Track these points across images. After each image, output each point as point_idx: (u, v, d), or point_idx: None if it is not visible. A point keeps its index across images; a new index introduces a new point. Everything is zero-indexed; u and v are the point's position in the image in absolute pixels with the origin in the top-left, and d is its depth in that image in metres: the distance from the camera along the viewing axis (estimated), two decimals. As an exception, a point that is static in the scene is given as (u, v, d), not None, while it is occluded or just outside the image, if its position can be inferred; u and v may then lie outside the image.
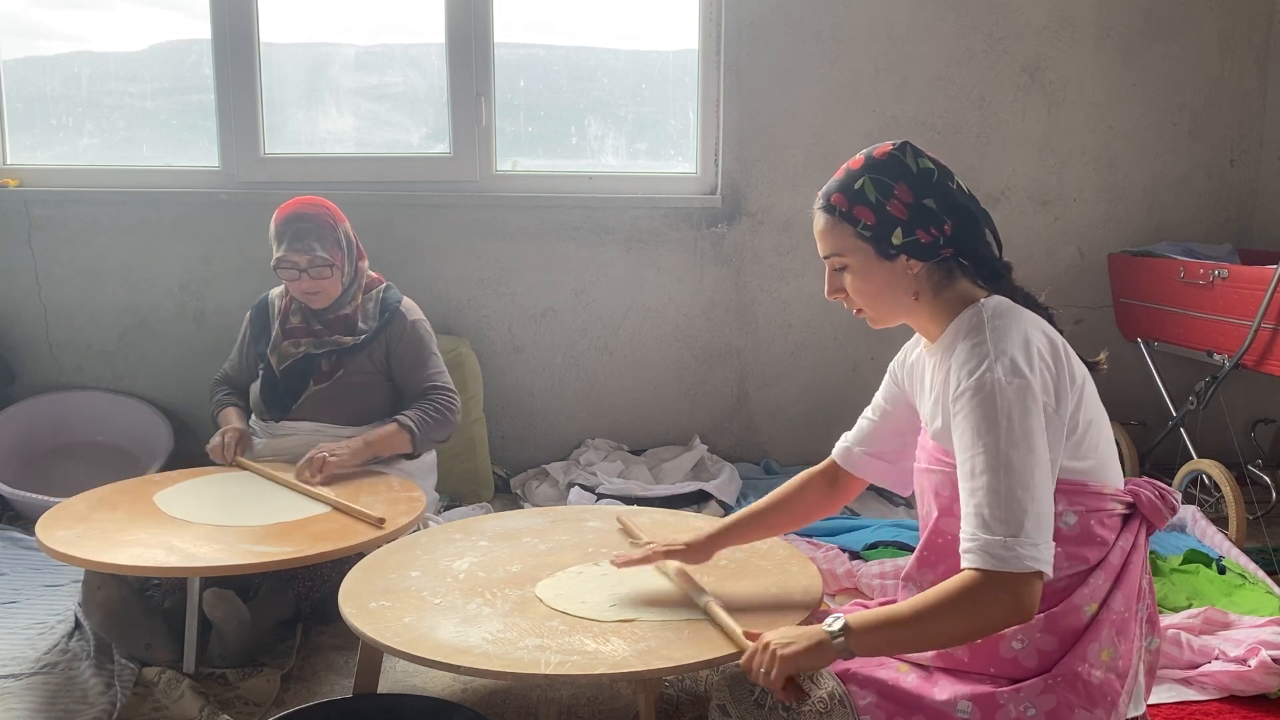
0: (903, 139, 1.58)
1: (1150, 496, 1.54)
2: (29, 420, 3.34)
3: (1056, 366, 1.47)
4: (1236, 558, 2.62)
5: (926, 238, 1.52)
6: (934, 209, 1.52)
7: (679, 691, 2.00)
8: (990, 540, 1.36)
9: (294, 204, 2.62)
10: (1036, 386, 1.42)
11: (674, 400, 3.58)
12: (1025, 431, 1.39)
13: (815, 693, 1.47)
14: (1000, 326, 1.48)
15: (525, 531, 2.14)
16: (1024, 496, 1.37)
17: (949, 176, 1.55)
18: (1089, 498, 1.49)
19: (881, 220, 1.52)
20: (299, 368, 2.64)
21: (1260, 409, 3.52)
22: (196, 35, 3.42)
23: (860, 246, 1.54)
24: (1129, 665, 1.48)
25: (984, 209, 1.57)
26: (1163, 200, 3.61)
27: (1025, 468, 1.38)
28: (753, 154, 3.46)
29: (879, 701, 1.48)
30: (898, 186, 1.52)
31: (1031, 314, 1.54)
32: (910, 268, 1.54)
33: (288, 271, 2.57)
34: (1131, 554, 1.51)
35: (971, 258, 1.56)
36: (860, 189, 1.53)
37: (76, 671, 2.10)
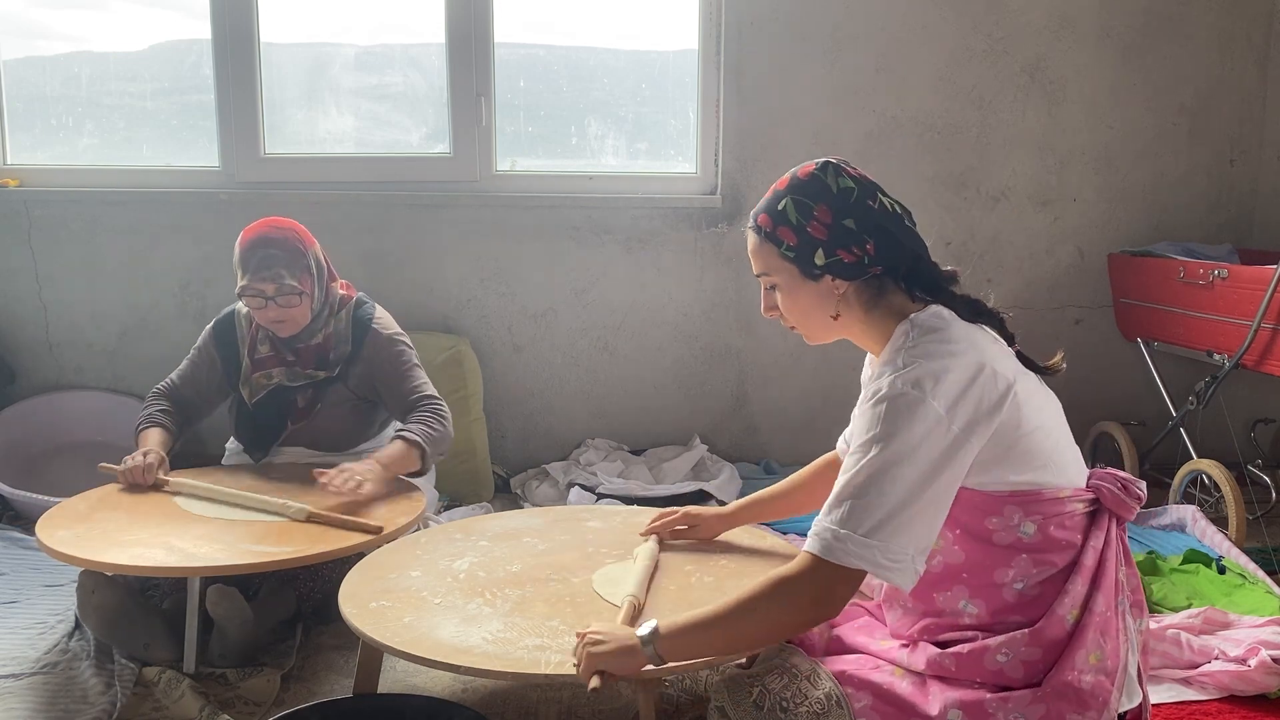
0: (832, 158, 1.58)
1: (1111, 489, 1.53)
2: (29, 420, 3.34)
3: (976, 385, 1.43)
4: (1236, 558, 2.62)
5: (849, 257, 1.52)
6: (854, 229, 1.52)
7: (679, 691, 2.00)
8: (826, 525, 1.40)
9: (259, 227, 2.44)
10: (934, 406, 1.40)
11: (674, 400, 3.58)
12: (902, 443, 1.39)
13: (812, 694, 1.48)
14: (922, 343, 1.47)
15: (525, 531, 2.14)
16: (876, 500, 1.38)
17: (870, 195, 1.54)
18: (1044, 504, 1.48)
19: (803, 241, 1.53)
20: (272, 401, 2.52)
21: (1260, 409, 3.52)
22: (196, 35, 3.42)
23: (786, 266, 1.56)
24: (1117, 662, 1.48)
25: (911, 228, 1.56)
26: (1163, 200, 3.61)
27: (887, 473, 1.39)
28: (753, 154, 3.46)
29: (875, 704, 1.48)
30: (817, 207, 1.53)
31: (967, 329, 1.51)
32: (836, 287, 1.54)
33: (253, 300, 2.41)
34: (1105, 550, 1.51)
35: (906, 276, 1.56)
36: (783, 210, 1.55)
37: (76, 671, 2.10)
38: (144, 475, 2.34)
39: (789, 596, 1.42)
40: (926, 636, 1.55)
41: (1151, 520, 3.00)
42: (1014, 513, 1.47)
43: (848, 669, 1.54)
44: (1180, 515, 2.93)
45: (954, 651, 1.48)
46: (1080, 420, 3.47)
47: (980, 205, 3.55)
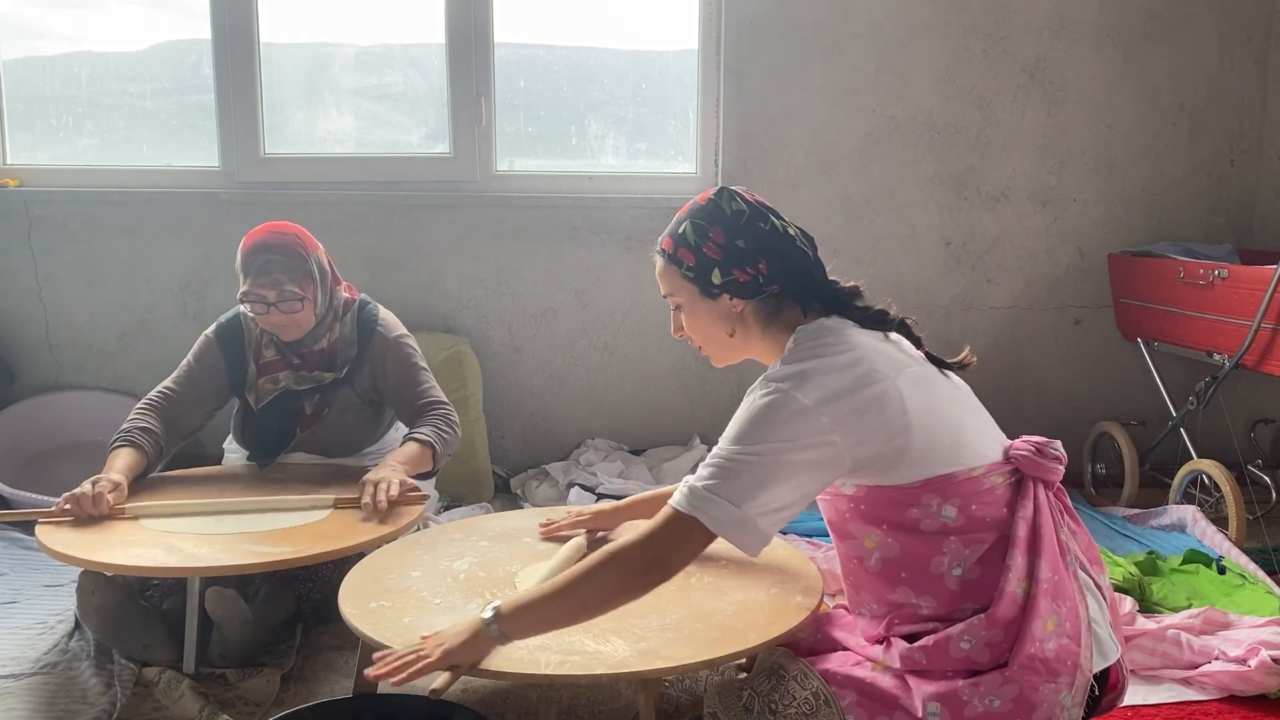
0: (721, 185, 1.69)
1: (1027, 455, 1.56)
2: (29, 420, 3.34)
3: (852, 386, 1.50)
4: (1236, 558, 2.62)
5: (744, 276, 1.61)
6: (745, 249, 1.61)
7: (679, 691, 2.00)
8: (686, 481, 1.51)
9: (261, 232, 2.41)
10: (795, 394, 1.48)
11: (674, 400, 3.58)
12: (754, 425, 1.49)
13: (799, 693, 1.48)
14: (800, 347, 1.56)
15: (525, 531, 2.14)
16: (739, 471, 1.47)
17: (761, 217, 1.63)
18: (959, 485, 1.52)
19: (700, 261, 1.62)
20: (279, 405, 2.49)
21: (1260, 409, 3.53)
22: (196, 35, 3.42)
23: (687, 286, 1.65)
24: (1078, 624, 1.48)
25: (802, 248, 1.64)
26: (1163, 200, 3.61)
27: (739, 451, 1.48)
28: (753, 154, 3.46)
29: (859, 700, 1.50)
30: (712, 230, 1.62)
31: (857, 333, 1.58)
32: (734, 306, 1.63)
33: (255, 305, 2.38)
34: (1038, 518, 1.53)
35: (801, 294, 1.64)
36: (683, 233, 1.64)
37: (76, 671, 2.09)
38: (93, 506, 2.16)
39: (627, 559, 1.49)
40: (894, 631, 1.57)
41: (1152, 520, 3.00)
42: (932, 499, 1.51)
43: (831, 666, 1.56)
44: (1180, 515, 2.93)
45: (920, 645, 1.50)
46: (1080, 420, 3.49)
47: (980, 205, 3.55)
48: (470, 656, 1.52)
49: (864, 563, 1.59)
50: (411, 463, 2.35)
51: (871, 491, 1.54)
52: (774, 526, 1.49)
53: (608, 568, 1.50)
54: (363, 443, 2.61)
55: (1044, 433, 1.66)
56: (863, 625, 1.65)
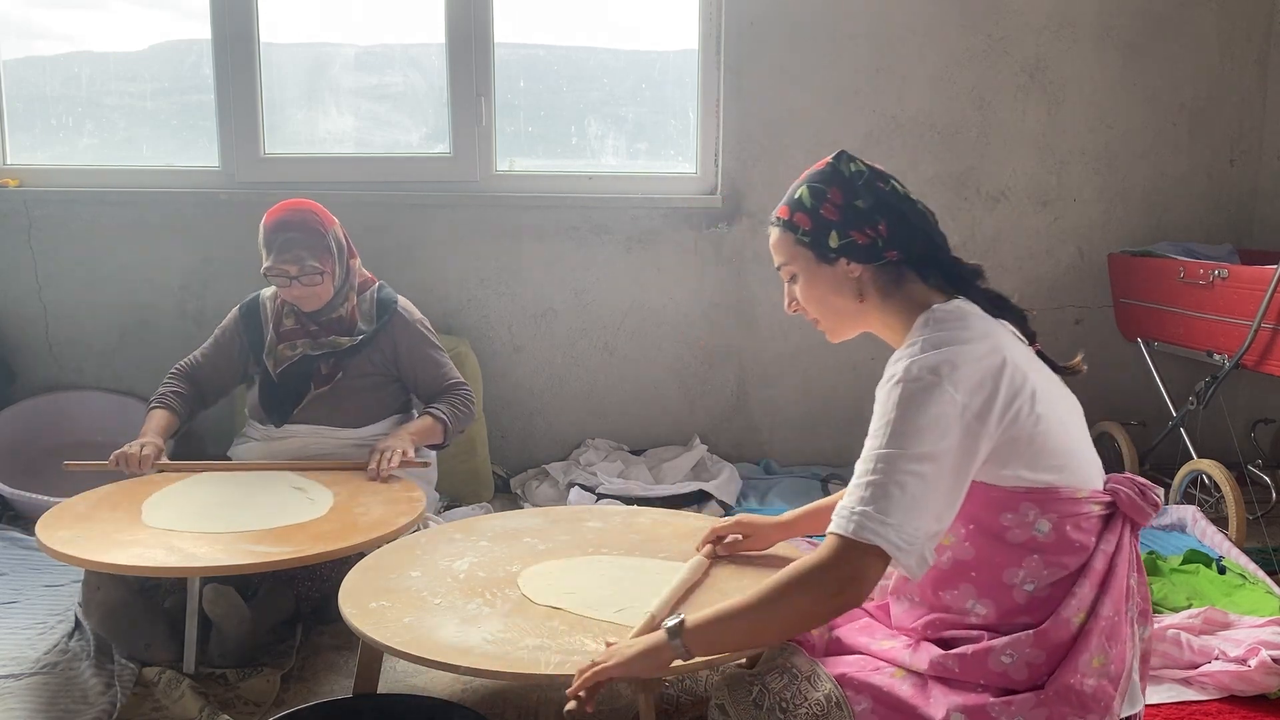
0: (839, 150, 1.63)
1: (1129, 494, 1.53)
2: (29, 420, 3.34)
3: (993, 377, 1.44)
4: (1236, 558, 2.62)
5: (863, 239, 1.55)
6: (864, 209, 1.55)
7: (679, 691, 2.00)
8: (845, 506, 1.40)
9: (281, 209, 2.57)
10: (949, 387, 1.41)
11: (674, 400, 3.58)
12: (913, 425, 1.40)
13: (811, 695, 1.47)
14: (942, 329, 1.48)
15: (525, 531, 2.14)
16: (889, 481, 1.38)
17: (881, 178, 1.58)
18: (1061, 503, 1.48)
19: (817, 224, 1.56)
20: (297, 370, 2.61)
21: (1260, 409, 3.53)
22: (196, 35, 3.42)
23: (802, 253, 1.59)
24: (1121, 668, 1.47)
25: (924, 211, 1.59)
26: (1163, 200, 3.61)
27: (901, 455, 1.39)
28: (753, 154, 3.46)
29: (875, 707, 1.48)
30: (830, 190, 1.57)
31: (988, 324, 1.52)
32: (852, 271, 1.57)
33: (278, 279, 2.55)
34: (1116, 556, 1.50)
35: (921, 262, 1.57)
36: (799, 198, 1.59)
37: (76, 671, 2.09)
38: (139, 466, 2.43)
39: (816, 581, 1.40)
40: (931, 633, 1.54)
41: (1151, 520, 3.00)
42: (1030, 509, 1.47)
43: (848, 671, 1.53)
44: (1180, 515, 2.93)
45: (958, 653, 1.47)
46: (1080, 420, 3.48)
47: (980, 205, 3.55)
48: (649, 669, 1.46)
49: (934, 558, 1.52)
50: (421, 434, 2.58)
51: (972, 487, 1.47)
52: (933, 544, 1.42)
53: (798, 592, 1.41)
54: (370, 416, 2.66)
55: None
56: (900, 611, 1.61)
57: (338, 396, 2.62)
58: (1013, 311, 1.58)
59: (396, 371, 2.68)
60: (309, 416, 2.62)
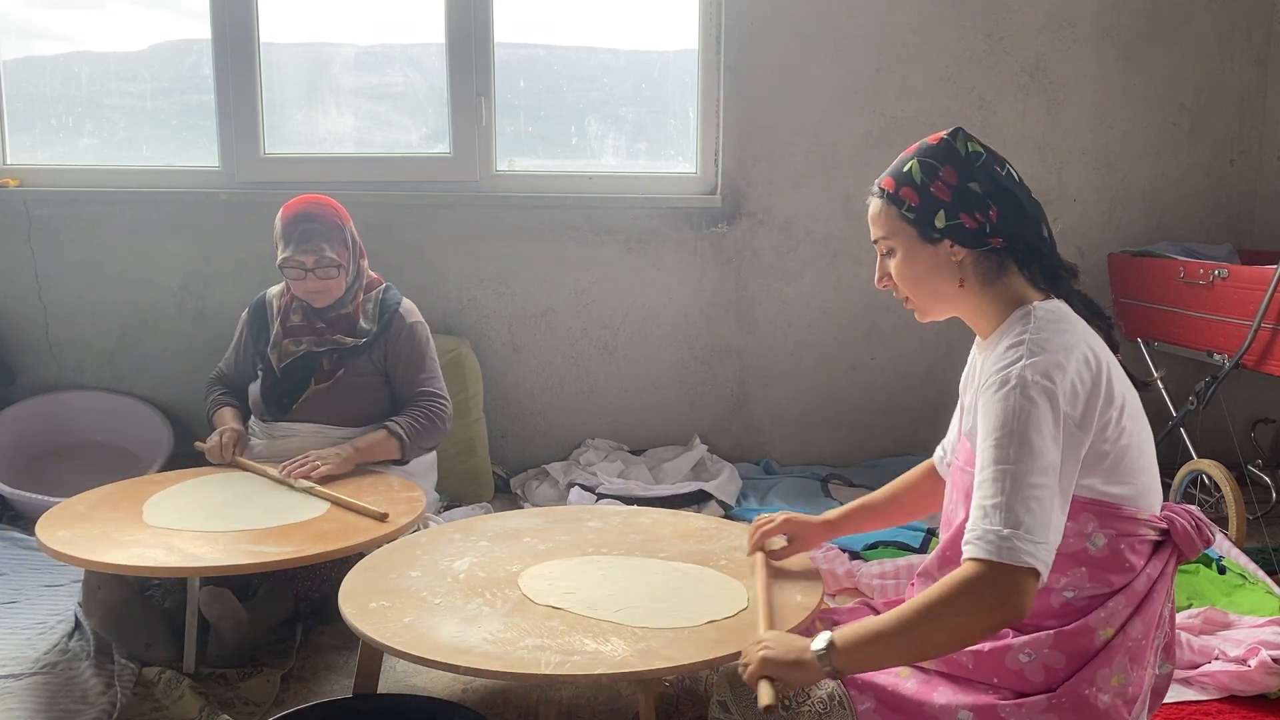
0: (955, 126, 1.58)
1: (1185, 526, 1.50)
2: (29, 420, 3.33)
3: (1093, 384, 1.43)
4: (1236, 558, 2.62)
5: (971, 223, 1.50)
6: (978, 192, 1.50)
7: (679, 691, 2.00)
8: (989, 530, 1.35)
9: (300, 203, 2.60)
10: (1061, 396, 1.39)
11: (674, 400, 3.58)
12: (1037, 435, 1.37)
13: (815, 693, 1.47)
14: (1046, 330, 1.44)
15: (525, 531, 2.14)
16: (1029, 495, 1.35)
17: (999, 162, 1.54)
18: (1121, 521, 1.46)
19: (925, 201, 1.51)
20: (300, 366, 2.62)
21: (1260, 409, 3.52)
22: (196, 35, 3.42)
23: (905, 229, 1.54)
24: (1139, 692, 1.45)
25: (1037, 201, 1.55)
26: (1163, 200, 3.61)
27: (1033, 466, 1.36)
28: (753, 154, 3.46)
29: (877, 707, 1.47)
30: (943, 169, 1.51)
31: (1085, 325, 1.50)
32: (955, 254, 1.52)
33: (293, 271, 2.56)
34: (1157, 582, 1.48)
35: (1025, 254, 1.53)
36: (908, 171, 1.54)
37: (76, 671, 2.09)
38: (224, 454, 2.54)
39: (974, 602, 1.34)
40: None
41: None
42: (1089, 521, 1.45)
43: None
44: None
45: (973, 649, 1.46)
46: (1080, 420, 3.48)
47: (980, 205, 3.54)
48: (790, 678, 1.42)
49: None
50: (371, 447, 2.53)
51: None
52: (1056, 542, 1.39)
53: (955, 614, 1.35)
54: (368, 416, 2.65)
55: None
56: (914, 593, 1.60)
57: (337, 393, 2.62)
58: (1102, 318, 1.56)
59: (387, 372, 2.68)
60: (307, 413, 2.62)
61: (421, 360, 2.68)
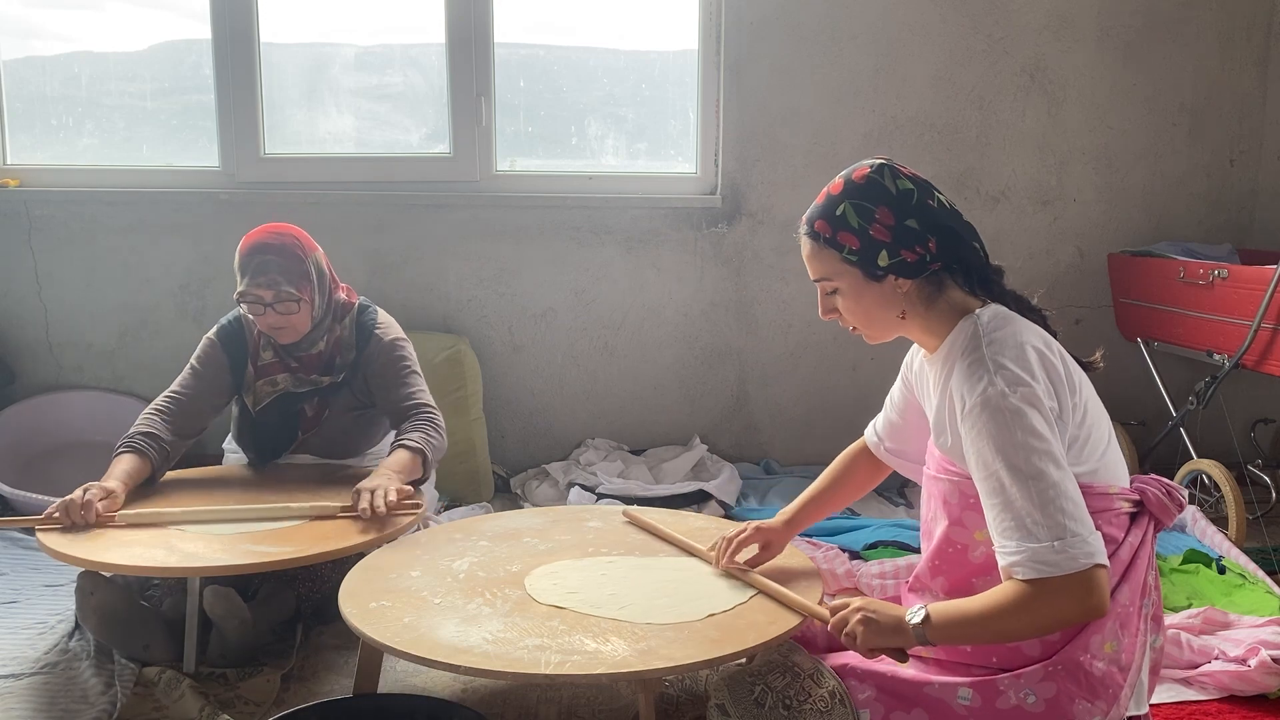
0: (880, 158, 1.58)
1: (1157, 494, 1.56)
2: (29, 420, 3.34)
3: (1053, 373, 1.48)
4: (1236, 558, 2.62)
5: (912, 256, 1.53)
6: (916, 229, 1.53)
7: (679, 691, 2.00)
8: (1040, 548, 1.37)
9: (260, 233, 2.39)
10: (1040, 390, 1.44)
11: (674, 400, 3.58)
12: (1040, 435, 1.41)
13: (816, 691, 1.48)
14: (996, 339, 1.49)
15: (525, 531, 2.14)
16: (1058, 498, 1.38)
17: (929, 194, 1.56)
18: (1095, 498, 1.49)
19: (866, 244, 1.53)
20: (279, 410, 2.48)
21: (1260, 409, 3.52)
22: (196, 35, 3.42)
23: (848, 270, 1.56)
24: (1131, 659, 1.49)
25: (967, 222, 1.59)
26: (1163, 200, 3.61)
27: (1049, 471, 1.39)
28: (753, 154, 3.46)
29: (878, 695, 1.49)
30: (879, 210, 1.53)
31: (1026, 321, 1.55)
32: (899, 286, 1.55)
33: (252, 306, 2.36)
34: (1139, 550, 1.53)
35: (961, 268, 1.57)
36: (842, 215, 1.54)
37: (76, 671, 2.10)
38: (80, 514, 2.11)
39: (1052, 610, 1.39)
40: None
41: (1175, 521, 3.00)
42: None
43: (850, 661, 1.55)
44: (1180, 515, 2.93)
45: None
46: (1080, 420, 3.48)
47: (980, 205, 3.55)
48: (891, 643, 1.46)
49: (967, 552, 1.55)
50: (404, 470, 2.29)
51: None
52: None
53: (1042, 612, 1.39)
54: (363, 445, 2.61)
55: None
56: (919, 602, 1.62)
57: (327, 434, 2.53)
58: (1035, 312, 1.61)
59: (371, 397, 2.53)
60: (298, 451, 2.56)
61: (405, 375, 2.49)
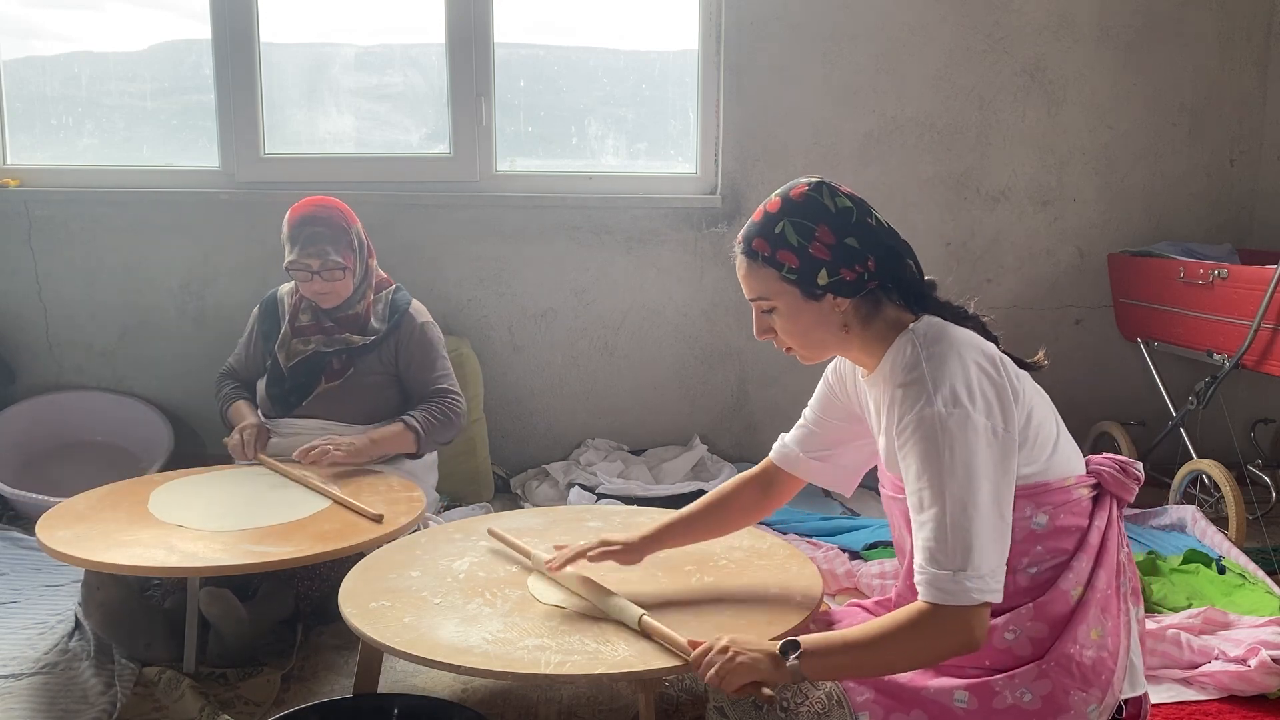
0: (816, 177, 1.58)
1: (1112, 473, 1.58)
2: (29, 420, 3.34)
3: (997, 386, 1.46)
4: (1236, 558, 2.62)
5: (851, 275, 1.53)
6: (856, 247, 1.53)
7: (679, 691, 2.00)
8: (938, 574, 1.39)
9: (307, 205, 2.61)
10: (978, 414, 1.42)
11: (674, 400, 3.58)
12: (966, 463, 1.40)
13: (813, 693, 1.48)
14: (936, 354, 1.48)
15: (525, 531, 2.14)
16: (968, 529, 1.39)
17: (867, 212, 1.56)
18: (1053, 494, 1.52)
19: (805, 263, 1.52)
20: (308, 365, 2.65)
21: (1260, 409, 3.52)
22: (196, 35, 3.42)
23: (786, 289, 1.54)
24: (1118, 641, 1.50)
25: (904, 240, 1.59)
26: (1163, 200, 3.61)
27: (968, 500, 1.39)
28: (753, 154, 3.46)
29: (876, 697, 1.50)
30: (818, 228, 1.52)
31: (963, 331, 1.54)
32: (838, 305, 1.55)
33: (300, 273, 2.59)
34: (1107, 531, 1.55)
35: (897, 286, 1.57)
36: (781, 233, 1.52)
37: (76, 671, 2.10)
38: (247, 451, 2.54)
39: (932, 638, 1.41)
40: None
41: (1151, 520, 3.00)
42: (1026, 506, 1.51)
43: None
44: (1180, 515, 2.93)
45: None
46: (1080, 420, 3.48)
47: (980, 205, 3.55)
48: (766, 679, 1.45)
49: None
50: (387, 439, 2.55)
51: None
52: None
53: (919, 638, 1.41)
54: (373, 415, 2.66)
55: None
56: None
57: (345, 392, 2.64)
58: (972, 320, 1.60)
59: (398, 374, 2.70)
60: (316, 410, 2.64)
61: (434, 360, 2.71)
